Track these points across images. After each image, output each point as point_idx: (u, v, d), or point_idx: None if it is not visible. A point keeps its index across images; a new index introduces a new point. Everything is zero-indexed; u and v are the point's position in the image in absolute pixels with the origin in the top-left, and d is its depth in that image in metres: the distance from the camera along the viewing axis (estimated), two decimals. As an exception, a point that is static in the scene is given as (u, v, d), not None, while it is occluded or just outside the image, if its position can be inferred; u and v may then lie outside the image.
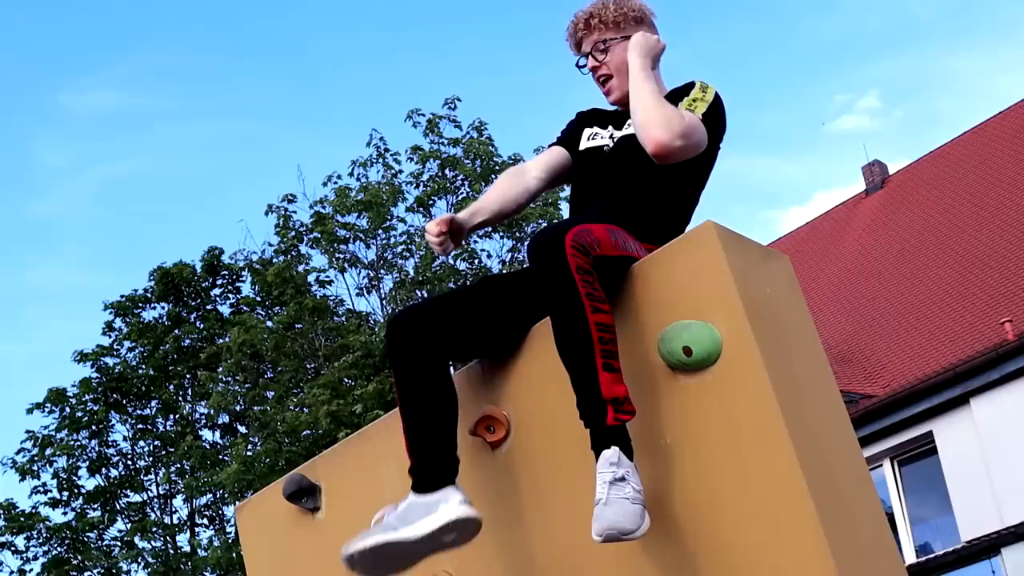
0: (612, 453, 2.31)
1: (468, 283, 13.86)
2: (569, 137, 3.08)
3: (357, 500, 3.05)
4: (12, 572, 18.51)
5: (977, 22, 36.75)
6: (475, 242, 15.27)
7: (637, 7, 3.01)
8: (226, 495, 17.66)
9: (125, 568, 18.64)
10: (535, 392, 2.71)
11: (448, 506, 2.40)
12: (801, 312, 2.63)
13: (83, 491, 18.89)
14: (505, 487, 2.71)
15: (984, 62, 37.46)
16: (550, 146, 3.11)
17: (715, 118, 2.81)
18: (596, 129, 3.02)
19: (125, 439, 19.48)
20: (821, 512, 2.25)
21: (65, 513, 18.74)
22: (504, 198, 3.00)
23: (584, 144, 3.02)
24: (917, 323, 15.96)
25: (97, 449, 19.04)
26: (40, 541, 18.46)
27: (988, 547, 13.22)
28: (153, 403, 19.42)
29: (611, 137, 2.95)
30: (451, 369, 2.70)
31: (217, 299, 19.92)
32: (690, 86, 2.87)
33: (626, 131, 2.90)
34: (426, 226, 2.89)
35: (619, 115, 2.99)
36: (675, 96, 2.86)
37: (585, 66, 3.01)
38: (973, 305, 15.30)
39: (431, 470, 2.46)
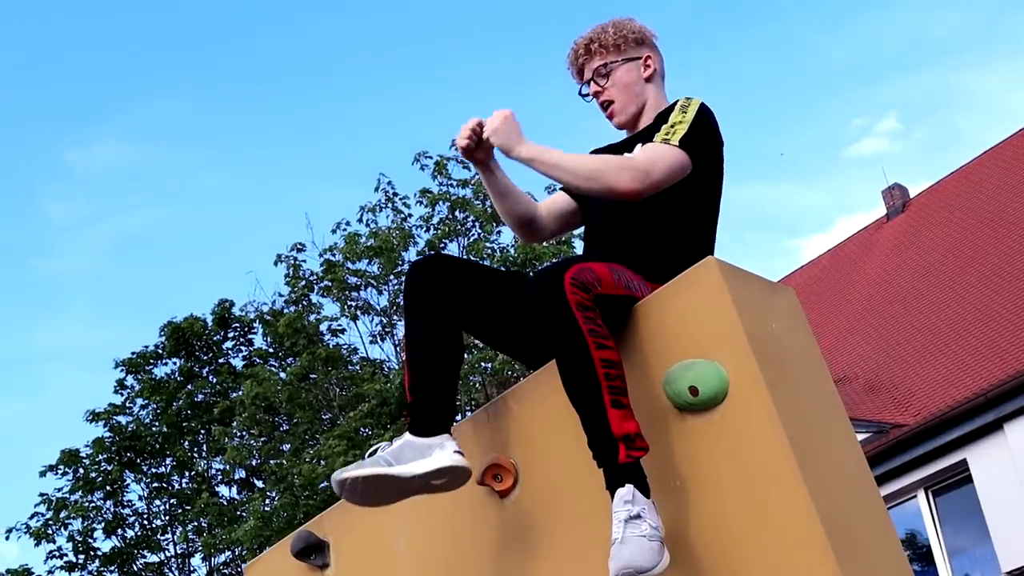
0: (626, 491, 2.30)
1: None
2: None
3: (366, 555, 3.05)
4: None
5: (994, 38, 36.81)
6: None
7: (637, 29, 3.02)
8: (244, 552, 17.61)
9: (145, 631, 18.61)
10: (542, 439, 2.70)
11: (443, 453, 2.50)
12: (808, 345, 2.63)
13: (99, 553, 18.90)
14: (514, 537, 2.70)
15: (1003, 78, 37.46)
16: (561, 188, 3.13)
17: (699, 136, 2.75)
18: None
19: (140, 498, 19.54)
20: (836, 549, 2.24)
21: (81, 576, 18.75)
22: (515, 190, 3.00)
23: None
24: (945, 348, 15.85)
25: (112, 510, 19.08)
26: (58, 607, 18.45)
27: (1030, 577, 13.04)
28: (168, 460, 19.46)
29: None
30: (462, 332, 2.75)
31: (229, 352, 20.01)
32: (670, 109, 2.84)
33: None
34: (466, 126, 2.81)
35: (624, 147, 2.96)
36: (661, 118, 2.85)
37: (588, 94, 3.02)
38: (1001, 327, 15.20)
39: (429, 415, 2.55)
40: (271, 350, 18.31)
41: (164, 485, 19.53)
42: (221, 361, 19.80)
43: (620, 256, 2.70)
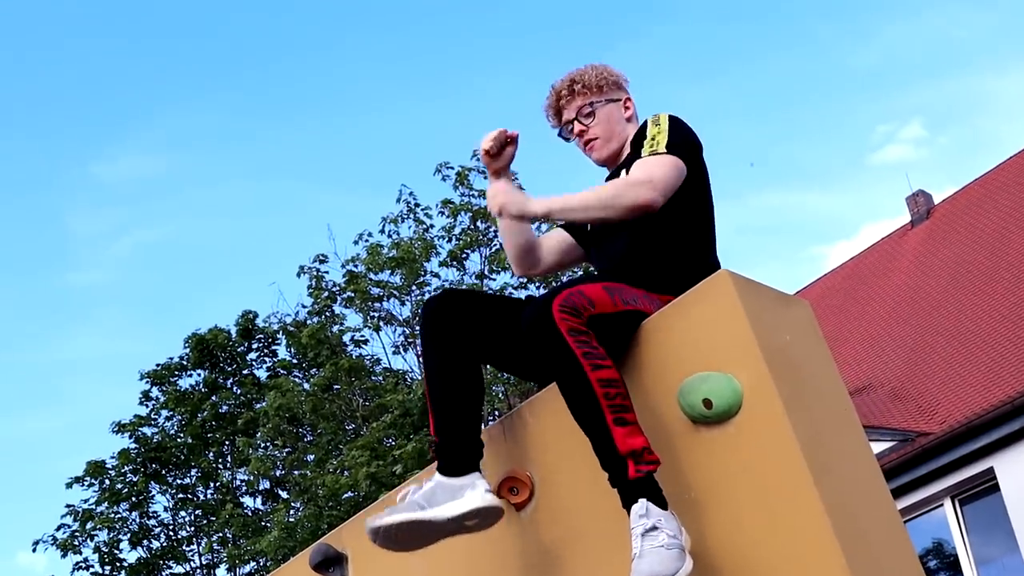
0: (640, 506, 2.32)
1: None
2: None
3: (384, 568, 3.06)
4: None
5: (1018, 41, 36.54)
6: (509, 292, 15.30)
7: (615, 73, 3.11)
8: (269, 563, 17.67)
9: (171, 641, 18.69)
10: (558, 452, 2.72)
11: (474, 493, 2.49)
12: (823, 357, 2.63)
13: (125, 564, 19.00)
14: (530, 550, 2.71)
15: (1026, 80, 37.20)
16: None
17: (681, 140, 2.81)
18: None
19: (166, 509, 19.64)
20: (852, 562, 2.24)
21: (108, 588, 18.85)
22: (525, 228, 3.08)
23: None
24: (971, 355, 15.74)
25: (138, 521, 19.18)
26: (84, 618, 18.55)
27: (1059, 587, 12.92)
28: (193, 472, 19.55)
29: None
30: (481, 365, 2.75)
31: (253, 363, 20.10)
32: (643, 128, 2.91)
33: None
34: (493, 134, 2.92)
35: (607, 179, 3.04)
36: (636, 143, 2.91)
37: (570, 133, 3.08)
38: (1029, 334, 15.08)
39: (458, 455, 2.55)
40: (294, 361, 18.38)
41: (189, 496, 19.62)
42: (245, 372, 19.89)
43: (627, 275, 2.72)
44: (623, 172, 2.90)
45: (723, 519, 2.41)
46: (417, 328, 15.53)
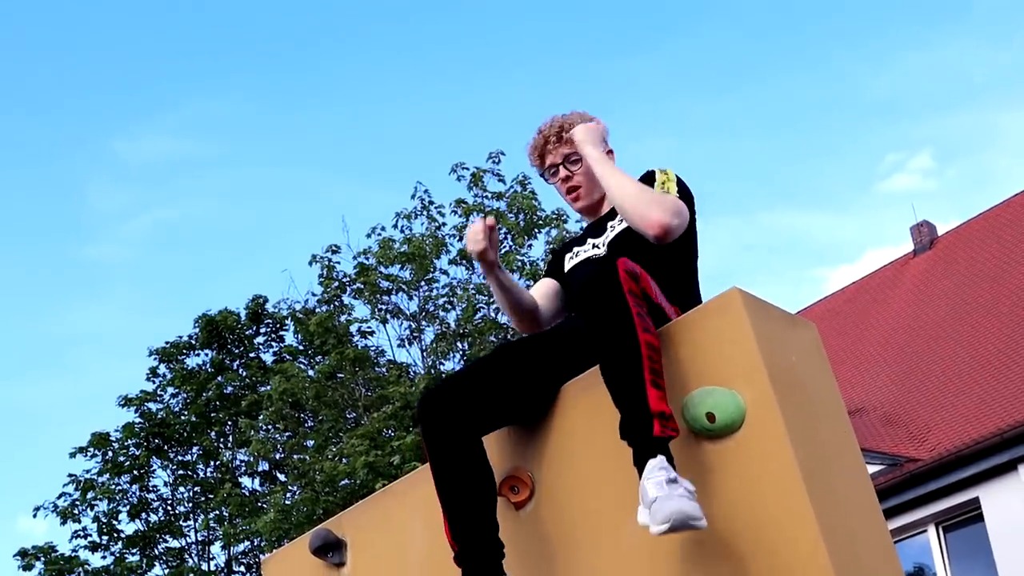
0: (659, 460, 2.30)
1: (488, 352, 13.88)
2: (554, 269, 3.20)
3: (382, 556, 3.07)
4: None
5: (1031, 81, 36.49)
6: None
7: (601, 124, 3.11)
8: (263, 543, 17.68)
9: (162, 613, 18.71)
10: (559, 454, 2.72)
11: None
12: (826, 380, 2.63)
13: (123, 535, 19.01)
14: (528, 548, 2.71)
15: (1038, 121, 37.13)
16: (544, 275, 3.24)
17: (686, 192, 2.92)
18: (576, 249, 3.12)
19: (166, 484, 19.64)
20: (843, 584, 2.24)
21: (104, 557, 18.88)
22: (515, 285, 3.10)
23: (568, 265, 3.11)
24: (964, 386, 15.71)
25: (138, 494, 19.19)
26: (79, 585, 18.58)
27: (1036, 619, 12.89)
28: (194, 449, 19.57)
29: (595, 246, 3.04)
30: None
31: (260, 347, 20.10)
32: (649, 175, 2.95)
33: (610, 233, 2.98)
34: (473, 225, 2.95)
35: (592, 230, 3.09)
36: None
37: (552, 177, 3.12)
38: (1021, 368, 15.06)
39: (483, 559, 2.50)
40: (301, 347, 18.39)
41: (189, 473, 19.63)
42: (252, 355, 19.89)
43: None
44: (610, 224, 2.99)
45: (719, 532, 2.41)
46: (424, 323, 15.55)
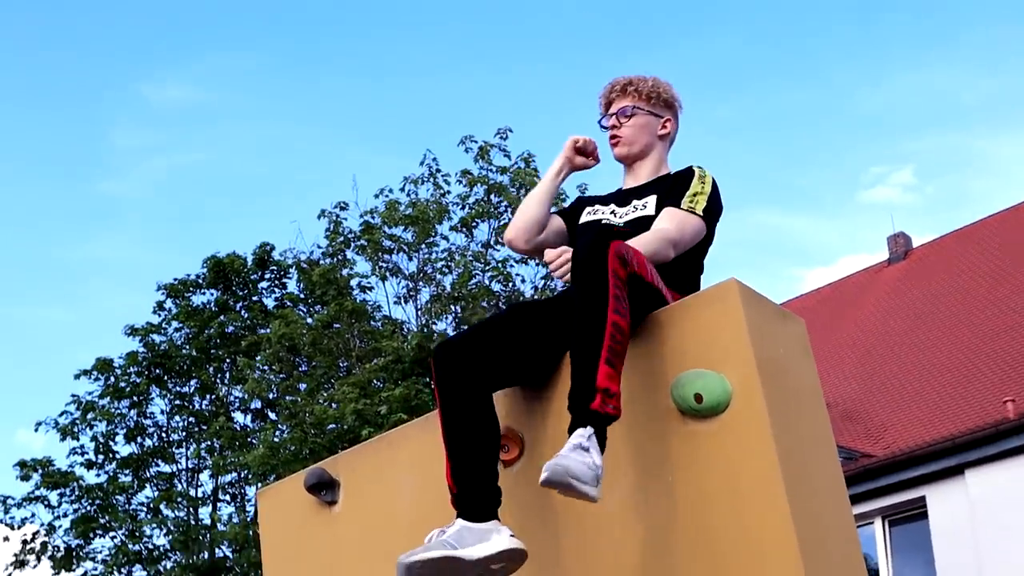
0: (585, 430, 2.30)
1: (501, 309, 13.90)
2: (570, 213, 3.18)
3: (372, 500, 3.08)
4: (43, 524, 18.69)
5: (1019, 110, 36.44)
6: (511, 266, 15.29)
7: (672, 93, 3.14)
8: (250, 476, 17.73)
9: (148, 532, 18.76)
10: (551, 419, 2.72)
11: (500, 537, 2.43)
12: (810, 374, 2.63)
13: (118, 456, 19.04)
14: (513, 503, 2.71)
15: (1021, 148, 37.13)
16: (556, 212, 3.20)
17: (714, 207, 2.93)
18: (598, 207, 3.10)
19: (162, 412, 19.64)
20: (807, 564, 2.25)
21: (98, 475, 18.90)
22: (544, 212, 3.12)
23: (584, 219, 3.10)
24: (923, 391, 15.80)
25: (135, 419, 19.19)
26: (72, 499, 18.61)
27: (968, 614, 13.03)
28: (192, 382, 19.56)
29: (612, 213, 3.03)
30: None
31: (263, 292, 20.06)
32: (689, 175, 2.95)
33: (633, 213, 2.97)
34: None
35: (620, 197, 3.07)
36: (677, 182, 2.95)
37: (606, 125, 3.12)
38: (979, 381, 15.14)
39: (481, 501, 2.49)
40: (302, 296, 18.35)
41: (185, 404, 19.61)
42: (255, 299, 19.83)
43: None
44: (635, 202, 2.97)
45: (695, 506, 2.42)
46: (421, 284, 15.54)
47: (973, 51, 35.19)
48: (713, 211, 2.93)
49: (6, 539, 18.61)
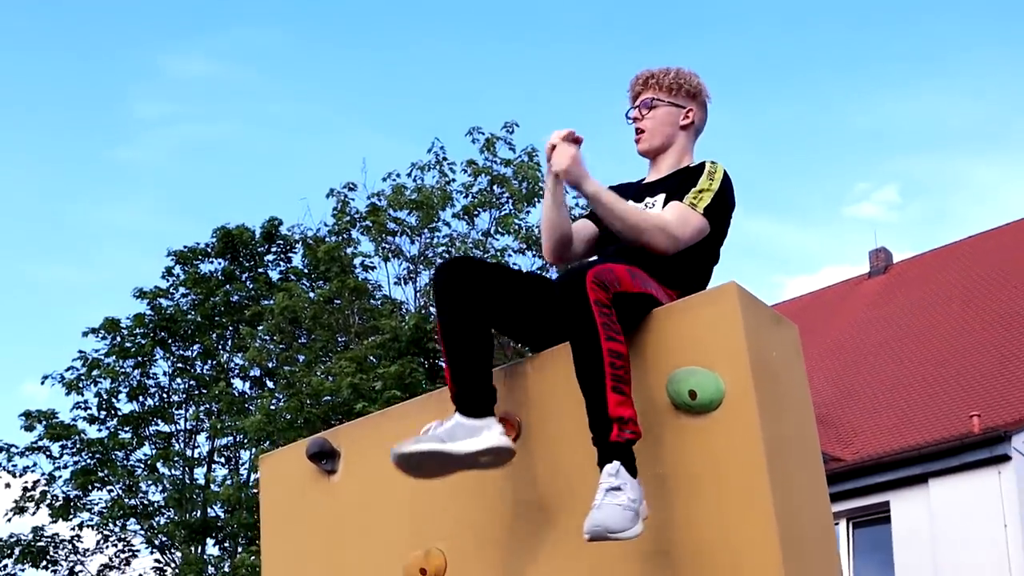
0: (613, 467, 2.32)
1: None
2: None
3: (370, 472, 3.07)
4: (44, 474, 18.67)
5: (1001, 135, 36.53)
6: (509, 255, 15.27)
7: (695, 83, 3.05)
8: (245, 441, 17.73)
9: (144, 488, 18.76)
10: (547, 406, 2.72)
11: (491, 433, 2.49)
12: (800, 378, 2.63)
13: (119, 413, 19.02)
14: (508, 485, 2.71)
15: (1001, 171, 37.23)
16: (578, 218, 3.14)
17: (721, 204, 2.84)
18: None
19: (165, 374, 19.61)
20: (787, 562, 2.25)
21: (100, 430, 18.88)
22: (567, 212, 3.00)
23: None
24: (893, 401, 15.85)
25: (138, 378, 19.16)
26: (73, 451, 18.60)
27: (922, 616, 13.10)
28: (195, 347, 19.53)
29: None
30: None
31: (269, 264, 20.04)
32: (699, 170, 2.88)
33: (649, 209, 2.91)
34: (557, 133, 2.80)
35: (636, 191, 3.00)
36: (688, 177, 2.89)
37: (630, 117, 3.06)
38: (947, 395, 15.19)
39: (476, 398, 2.53)
40: (306, 271, 18.30)
41: (187, 367, 19.58)
42: (260, 271, 19.80)
43: (643, 263, 2.70)
44: (661, 195, 2.90)
45: (682, 498, 2.42)
46: (421, 268, 15.51)
47: (962, 77, 35.22)
48: (719, 208, 2.84)
49: (7, 486, 18.59)
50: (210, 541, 18.57)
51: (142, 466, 18.89)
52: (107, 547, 18.91)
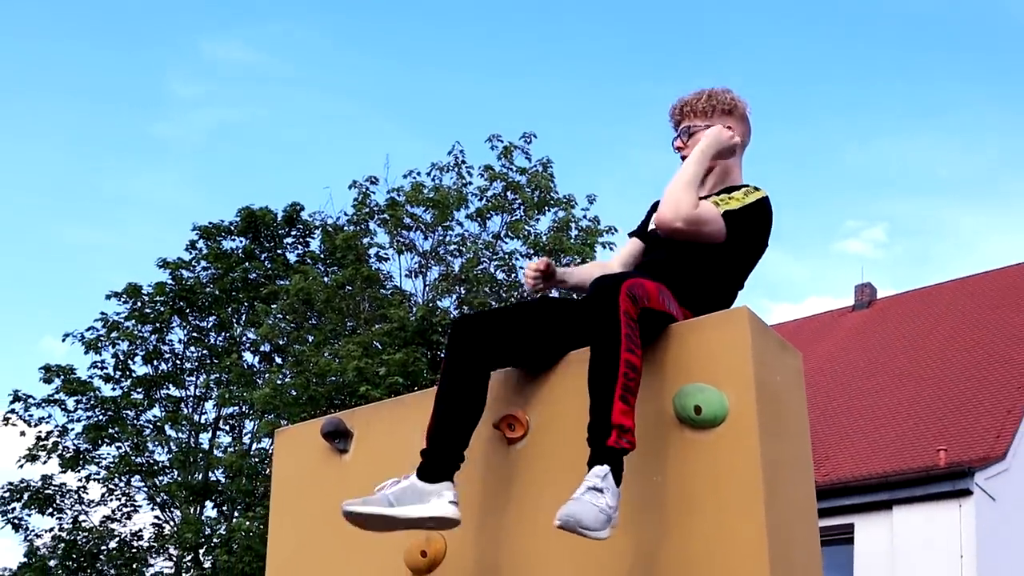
0: (602, 469, 2.28)
1: (523, 298, 13.84)
2: (642, 223, 3.10)
3: (380, 454, 3.05)
4: (57, 426, 18.66)
5: (987, 187, 36.61)
6: (516, 259, 15.26)
7: (728, 100, 2.98)
8: (251, 412, 17.72)
9: (151, 448, 18.74)
10: (557, 406, 2.70)
11: (439, 501, 2.44)
12: (800, 403, 2.62)
13: (134, 375, 19.01)
14: (511, 479, 2.70)
15: (986, 222, 37.26)
16: (629, 235, 3.11)
17: (750, 216, 2.77)
18: None
19: (180, 341, 19.59)
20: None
21: (114, 389, 18.87)
22: (588, 275, 2.93)
23: (652, 226, 3.00)
24: (866, 430, 15.84)
25: (155, 343, 19.15)
26: (87, 407, 18.59)
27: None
28: (211, 318, 19.51)
29: None
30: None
31: (288, 247, 20.02)
32: (738, 187, 2.86)
33: None
34: (528, 264, 2.88)
35: None
36: (728, 192, 2.86)
37: (676, 147, 3.02)
38: (917, 428, 15.18)
39: (438, 464, 2.49)
40: (323, 256, 18.28)
41: (202, 337, 19.56)
42: (279, 252, 19.78)
43: (668, 280, 2.68)
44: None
45: (677, 508, 2.40)
46: (432, 263, 15.50)
47: (956, 131, 35.24)
48: (745, 224, 2.75)
49: (22, 434, 18.58)
50: (209, 504, 18.55)
51: (151, 426, 18.87)
52: (111, 500, 18.90)
